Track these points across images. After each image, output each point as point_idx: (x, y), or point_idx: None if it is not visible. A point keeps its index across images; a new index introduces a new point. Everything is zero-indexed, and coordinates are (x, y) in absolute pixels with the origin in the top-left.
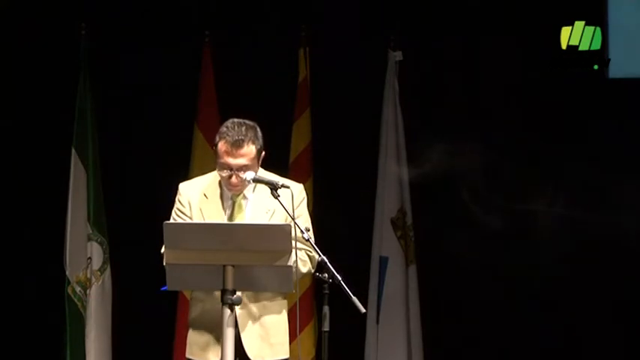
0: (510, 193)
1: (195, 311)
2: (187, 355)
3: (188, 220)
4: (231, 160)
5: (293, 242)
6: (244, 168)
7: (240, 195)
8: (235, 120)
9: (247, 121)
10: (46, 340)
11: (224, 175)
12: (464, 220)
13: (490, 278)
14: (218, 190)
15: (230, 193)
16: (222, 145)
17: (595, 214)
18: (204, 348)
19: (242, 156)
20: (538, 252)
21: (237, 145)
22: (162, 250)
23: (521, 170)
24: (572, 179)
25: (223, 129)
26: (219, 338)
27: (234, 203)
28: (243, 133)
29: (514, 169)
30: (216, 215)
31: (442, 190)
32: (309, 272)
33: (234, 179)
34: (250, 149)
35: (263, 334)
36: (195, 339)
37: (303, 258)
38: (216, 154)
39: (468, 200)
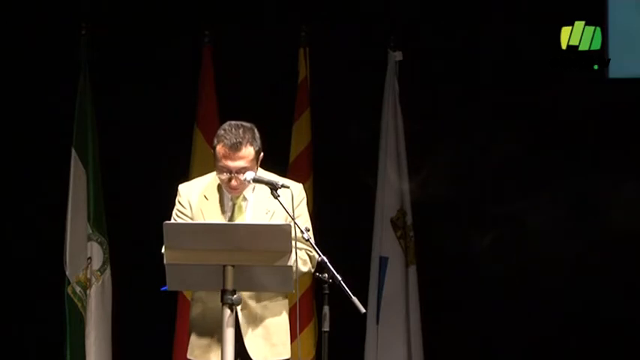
0: (510, 192)
1: (196, 312)
2: (188, 356)
3: (189, 221)
4: (230, 163)
5: (293, 242)
6: (243, 170)
7: (240, 196)
8: (232, 122)
9: (245, 123)
10: (46, 340)
11: (223, 177)
12: (464, 220)
13: (490, 278)
14: (218, 192)
15: (230, 195)
16: (220, 149)
17: (595, 215)
18: (206, 349)
19: (240, 158)
20: (538, 252)
21: (236, 147)
22: (163, 249)
23: (521, 170)
24: (572, 179)
25: (221, 132)
26: (220, 340)
27: (234, 205)
28: (241, 135)
29: (514, 169)
30: (216, 216)
31: (442, 190)
32: (309, 272)
33: (233, 182)
34: (249, 151)
35: (265, 334)
36: (196, 340)
37: (303, 257)
38: (214, 156)
39: (467, 200)
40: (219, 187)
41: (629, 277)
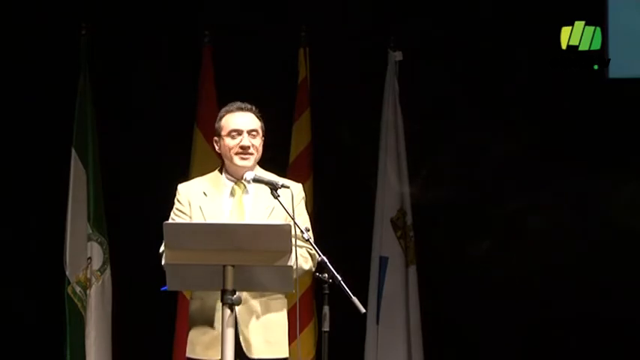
0: (510, 193)
1: (194, 308)
2: (188, 355)
3: (187, 220)
4: (242, 122)
5: (293, 241)
6: (255, 133)
7: (240, 190)
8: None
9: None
10: (46, 340)
11: (235, 142)
12: (464, 220)
13: (490, 278)
14: (218, 188)
15: (239, 165)
16: (228, 116)
17: (595, 215)
18: (207, 346)
19: (250, 119)
20: (538, 252)
21: (246, 110)
22: (161, 249)
23: (521, 170)
24: (572, 179)
25: (224, 108)
26: (219, 336)
27: (234, 199)
28: (248, 105)
29: (514, 169)
30: (216, 212)
31: (442, 190)
32: (310, 270)
33: (246, 141)
34: (256, 119)
35: (261, 331)
36: (196, 337)
37: (305, 255)
38: (221, 131)
39: (467, 200)
40: (219, 184)
41: (629, 278)
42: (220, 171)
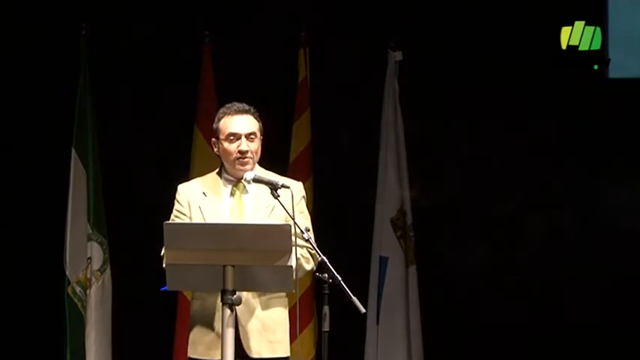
0: (510, 193)
1: (196, 309)
2: (190, 355)
3: (187, 220)
4: (239, 127)
5: (294, 240)
6: (253, 137)
7: (241, 189)
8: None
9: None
10: (46, 340)
11: (233, 147)
12: (464, 220)
13: (490, 278)
14: (217, 188)
15: (238, 170)
16: (226, 119)
17: (595, 215)
18: (209, 346)
19: (249, 122)
20: (538, 252)
21: (243, 112)
22: (162, 251)
23: (521, 170)
24: (572, 180)
25: (222, 109)
26: (220, 336)
27: (234, 199)
28: (246, 106)
29: (514, 169)
30: (215, 212)
31: (442, 190)
32: (311, 270)
33: (244, 146)
34: (255, 120)
35: (261, 330)
36: (197, 338)
37: (306, 255)
38: (219, 134)
39: (467, 200)
40: (219, 184)
41: (629, 278)
42: (220, 171)
